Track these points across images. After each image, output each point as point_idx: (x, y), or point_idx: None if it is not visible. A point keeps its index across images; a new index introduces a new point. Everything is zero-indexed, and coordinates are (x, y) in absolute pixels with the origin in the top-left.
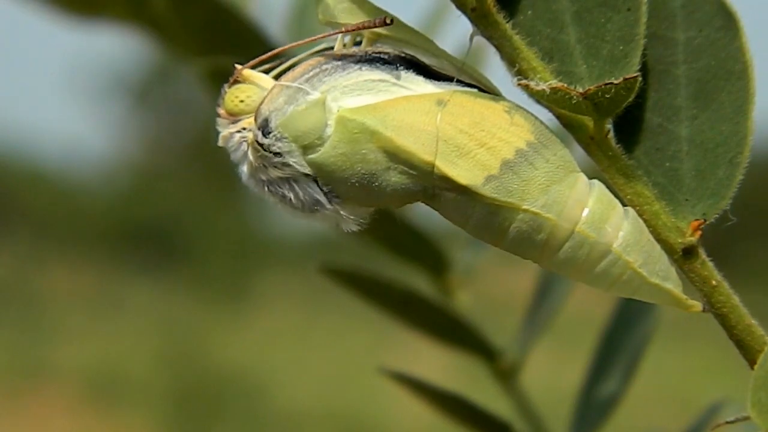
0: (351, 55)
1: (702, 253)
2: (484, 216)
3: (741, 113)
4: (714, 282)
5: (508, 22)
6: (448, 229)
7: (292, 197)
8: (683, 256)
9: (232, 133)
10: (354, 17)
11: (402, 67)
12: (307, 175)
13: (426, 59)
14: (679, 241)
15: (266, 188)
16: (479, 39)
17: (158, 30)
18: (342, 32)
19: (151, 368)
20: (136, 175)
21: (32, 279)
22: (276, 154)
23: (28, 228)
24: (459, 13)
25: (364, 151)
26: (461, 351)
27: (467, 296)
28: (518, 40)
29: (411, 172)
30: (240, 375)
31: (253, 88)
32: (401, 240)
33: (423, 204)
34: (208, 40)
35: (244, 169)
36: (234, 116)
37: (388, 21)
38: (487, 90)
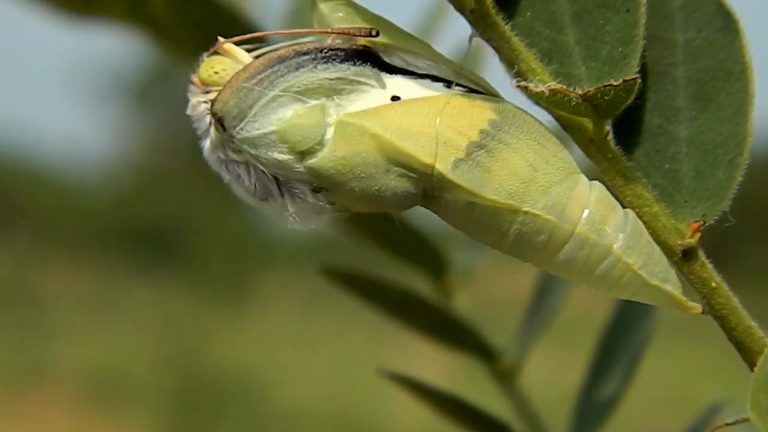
0: (306, 53)
1: (701, 255)
2: (484, 218)
3: (740, 114)
4: (713, 284)
5: (506, 23)
6: (448, 229)
7: (246, 180)
8: (683, 258)
9: (200, 102)
10: (349, 26)
11: (360, 63)
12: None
13: (424, 64)
14: (679, 242)
15: (224, 166)
16: (478, 40)
17: (158, 30)
18: (328, 33)
19: (152, 368)
20: (136, 175)
21: (32, 279)
22: (233, 140)
23: (28, 228)
24: (458, 14)
25: (364, 154)
26: (461, 351)
27: (466, 297)
28: (517, 41)
29: (411, 174)
30: (240, 375)
31: (230, 62)
32: (401, 241)
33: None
34: (208, 39)
35: (206, 143)
36: (206, 86)
37: (373, 33)
38: (486, 93)
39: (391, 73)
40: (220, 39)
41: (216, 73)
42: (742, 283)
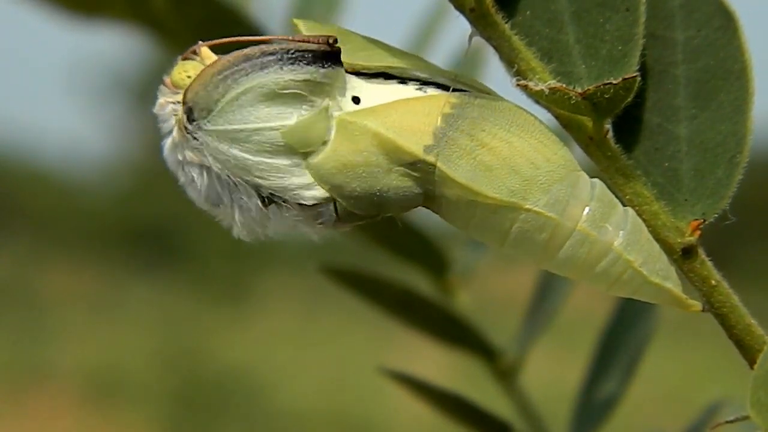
0: (272, 53)
1: (701, 253)
2: (486, 217)
3: (740, 113)
4: (713, 282)
5: (506, 22)
6: (448, 229)
7: (199, 184)
8: (682, 256)
9: (168, 102)
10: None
11: (329, 65)
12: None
13: (420, 75)
14: (679, 240)
15: (180, 167)
16: (478, 39)
17: (158, 30)
18: (289, 40)
19: (152, 368)
20: (136, 175)
21: (32, 279)
22: (195, 139)
23: (28, 228)
24: (458, 13)
25: (365, 153)
26: (461, 350)
27: (467, 296)
28: (517, 40)
29: (413, 173)
30: (240, 375)
31: (203, 67)
32: (401, 240)
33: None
34: (208, 40)
35: (167, 142)
36: (176, 88)
37: (330, 41)
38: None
39: (359, 75)
40: (200, 43)
41: (189, 76)
42: (742, 282)
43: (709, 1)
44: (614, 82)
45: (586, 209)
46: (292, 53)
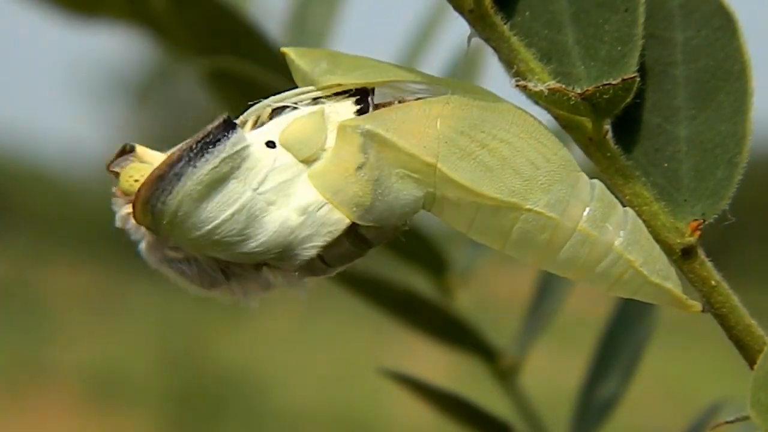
0: (179, 160)
1: (701, 254)
2: (486, 218)
3: (739, 113)
4: (713, 282)
5: (505, 23)
6: (448, 229)
7: (191, 274)
8: (682, 257)
9: (127, 214)
10: (334, 77)
11: (230, 132)
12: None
13: (415, 87)
14: (678, 241)
15: (165, 265)
16: (477, 40)
17: (158, 30)
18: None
19: (152, 368)
20: None
21: (32, 279)
22: (167, 238)
23: (28, 228)
24: (457, 14)
25: (366, 156)
26: (461, 351)
27: (467, 296)
28: (516, 41)
29: (413, 175)
30: (240, 375)
31: (146, 167)
32: (401, 240)
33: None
34: (208, 40)
35: (143, 246)
36: (129, 196)
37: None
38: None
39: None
40: (135, 145)
41: (136, 181)
42: (742, 282)
43: (708, 1)
44: (613, 82)
45: (587, 209)
46: (196, 146)
